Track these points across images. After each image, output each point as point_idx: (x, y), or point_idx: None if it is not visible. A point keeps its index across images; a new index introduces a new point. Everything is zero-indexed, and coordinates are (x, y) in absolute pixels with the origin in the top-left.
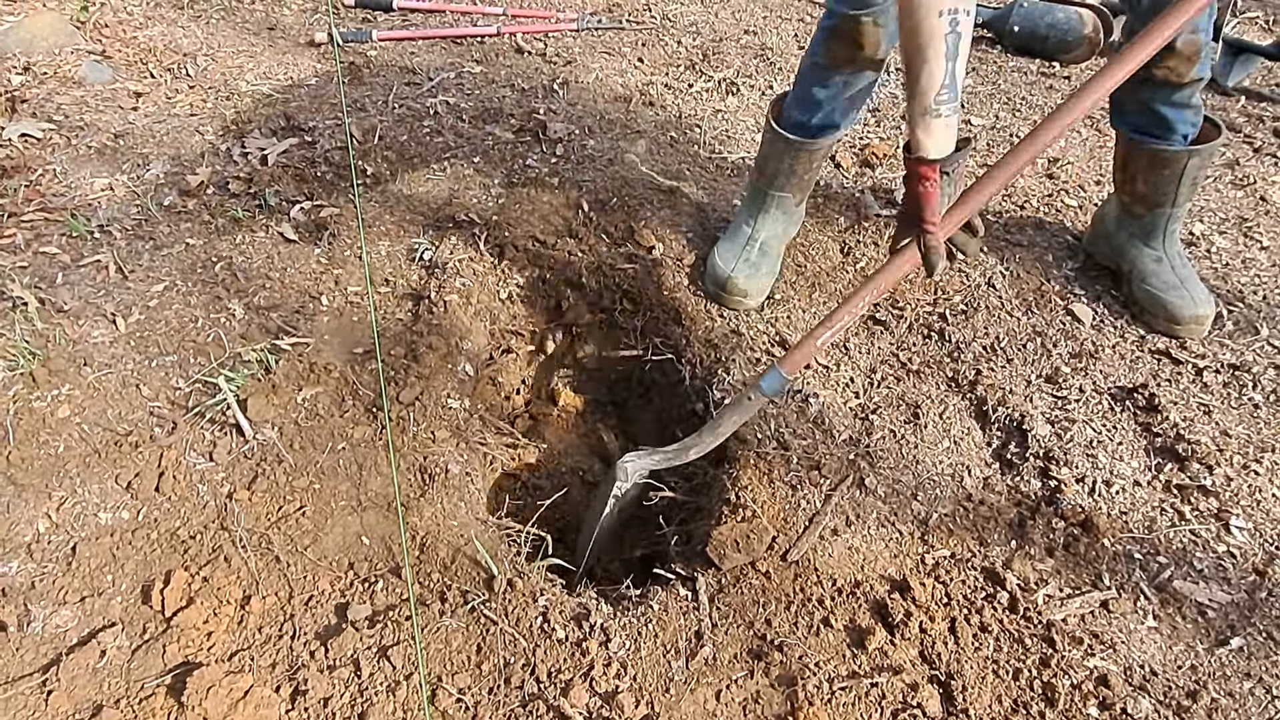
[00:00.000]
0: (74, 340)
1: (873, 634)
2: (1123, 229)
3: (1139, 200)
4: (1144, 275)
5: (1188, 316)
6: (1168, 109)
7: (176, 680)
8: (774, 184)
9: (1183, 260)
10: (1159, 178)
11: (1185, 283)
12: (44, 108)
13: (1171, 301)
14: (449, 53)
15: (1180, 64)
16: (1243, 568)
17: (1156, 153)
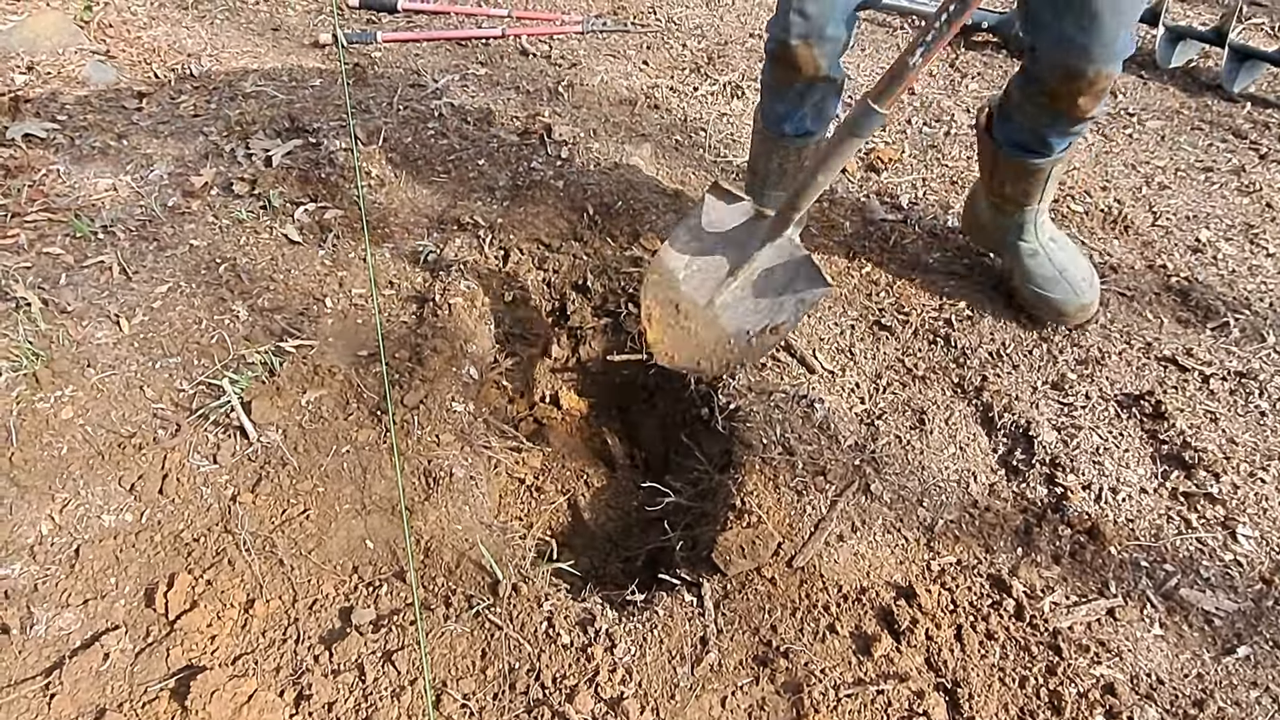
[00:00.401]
0: (77, 341)
1: (879, 641)
2: (996, 224)
3: (1007, 201)
4: (1025, 273)
5: (1073, 309)
6: (1056, 138)
7: (180, 684)
8: (768, 183)
9: (1057, 244)
10: (1025, 183)
11: (1064, 272)
12: (48, 108)
13: (1055, 297)
14: (454, 55)
15: (1089, 102)
16: (1249, 576)
17: (1025, 164)
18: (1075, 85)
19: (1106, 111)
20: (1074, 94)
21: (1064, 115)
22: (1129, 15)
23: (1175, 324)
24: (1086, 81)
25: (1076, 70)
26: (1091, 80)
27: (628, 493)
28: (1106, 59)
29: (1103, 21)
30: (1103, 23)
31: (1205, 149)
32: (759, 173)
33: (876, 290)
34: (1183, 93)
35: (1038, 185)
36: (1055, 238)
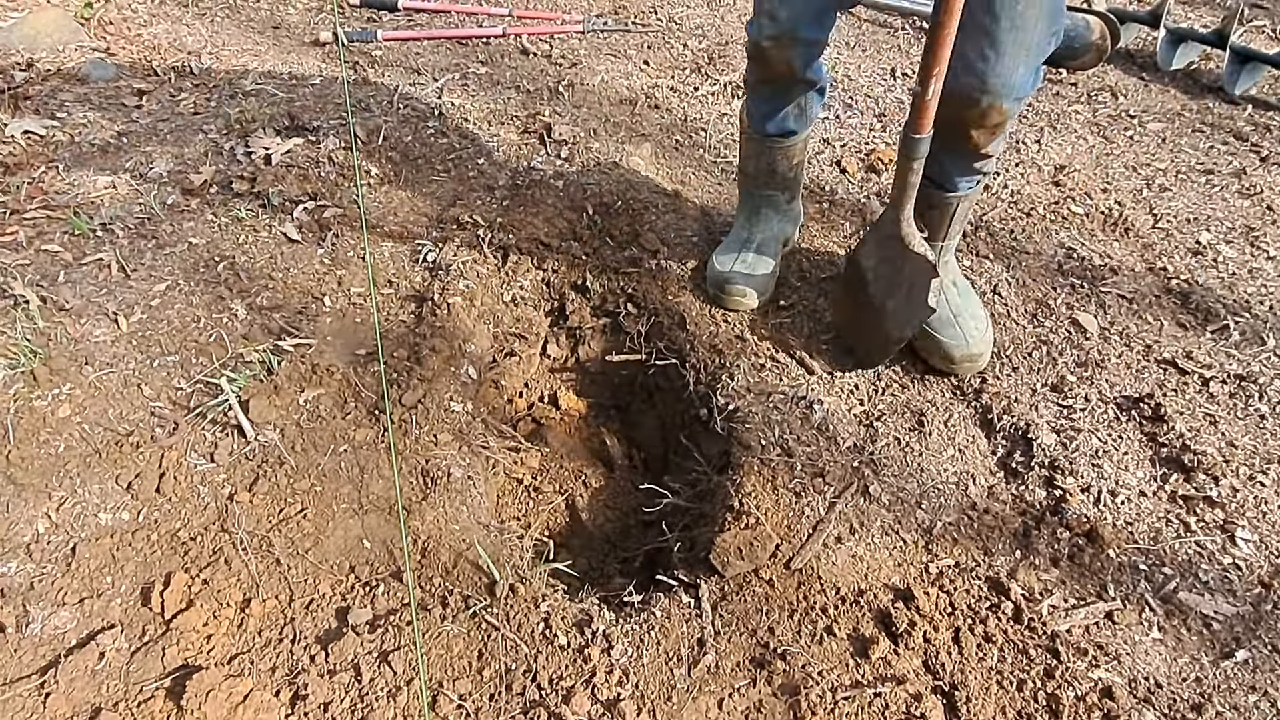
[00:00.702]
0: (75, 339)
1: (876, 643)
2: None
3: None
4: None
5: (959, 357)
6: (958, 174)
7: (176, 683)
8: (758, 184)
9: (958, 288)
10: (929, 216)
11: (959, 317)
12: (47, 105)
13: (944, 340)
14: (454, 53)
15: (982, 136)
16: (1248, 580)
17: (930, 194)
18: (968, 114)
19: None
20: (966, 124)
21: (961, 150)
22: (1033, 53)
23: (1175, 327)
24: (979, 112)
25: (969, 98)
26: (984, 112)
27: (626, 493)
28: (1001, 92)
29: (1003, 52)
30: (1003, 53)
31: (1206, 151)
32: (749, 173)
33: None
34: (1184, 95)
35: (942, 220)
36: (958, 282)
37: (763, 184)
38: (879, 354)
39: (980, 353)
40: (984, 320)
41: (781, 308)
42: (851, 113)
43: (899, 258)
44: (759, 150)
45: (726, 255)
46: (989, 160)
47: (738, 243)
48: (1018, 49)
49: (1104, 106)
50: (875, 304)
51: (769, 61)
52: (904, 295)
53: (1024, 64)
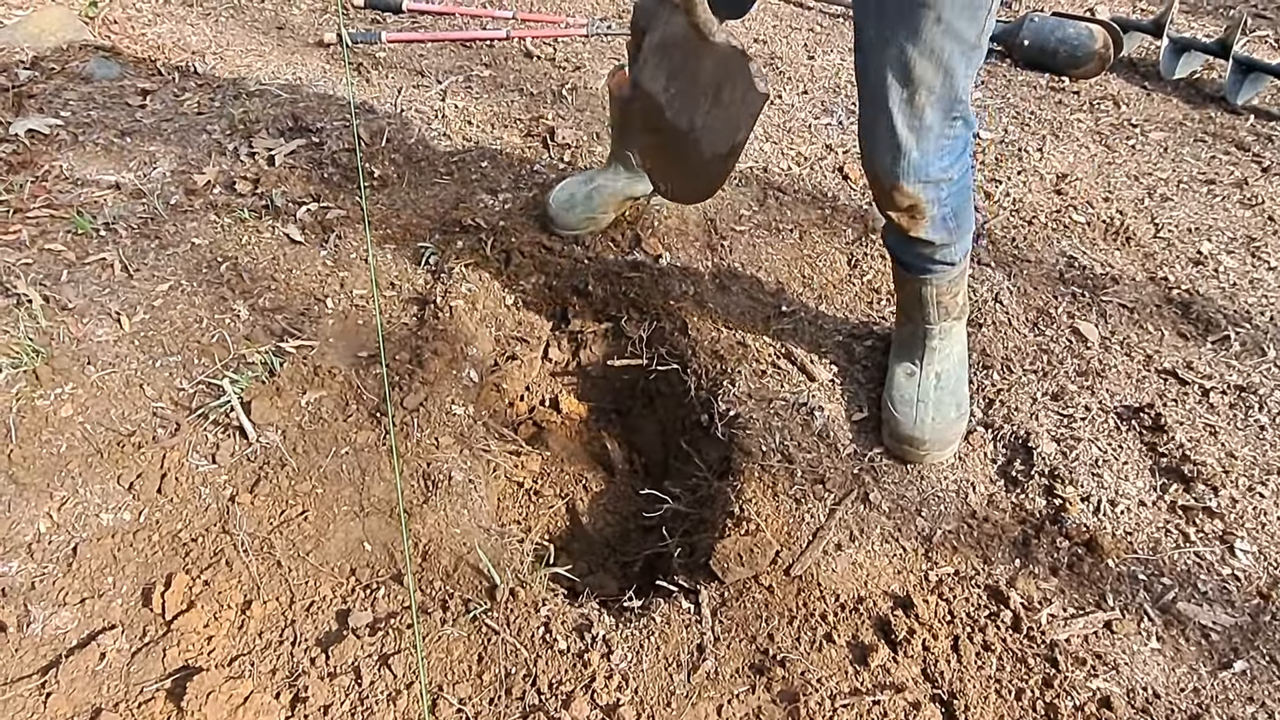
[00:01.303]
0: (78, 339)
1: (875, 651)
2: (897, 331)
3: (900, 307)
4: (891, 382)
5: (903, 436)
6: (911, 259)
7: (176, 684)
8: (615, 138)
9: (940, 381)
10: (902, 294)
11: (920, 403)
12: (51, 104)
13: (897, 418)
14: (458, 56)
15: (903, 219)
16: (1247, 591)
17: (898, 272)
18: (880, 192)
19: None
20: (884, 203)
21: (897, 228)
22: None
23: (1176, 337)
24: (884, 191)
25: (874, 175)
26: (888, 191)
27: (626, 498)
28: (902, 175)
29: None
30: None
31: (1208, 161)
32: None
33: (878, 299)
34: (1186, 104)
35: (914, 301)
36: (943, 375)
37: (618, 142)
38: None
39: (926, 440)
40: (951, 419)
41: (783, 314)
42: (854, 119)
43: (693, 58)
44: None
45: (566, 186)
46: (936, 248)
47: (583, 179)
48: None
49: (1106, 115)
50: (683, 129)
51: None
52: (713, 101)
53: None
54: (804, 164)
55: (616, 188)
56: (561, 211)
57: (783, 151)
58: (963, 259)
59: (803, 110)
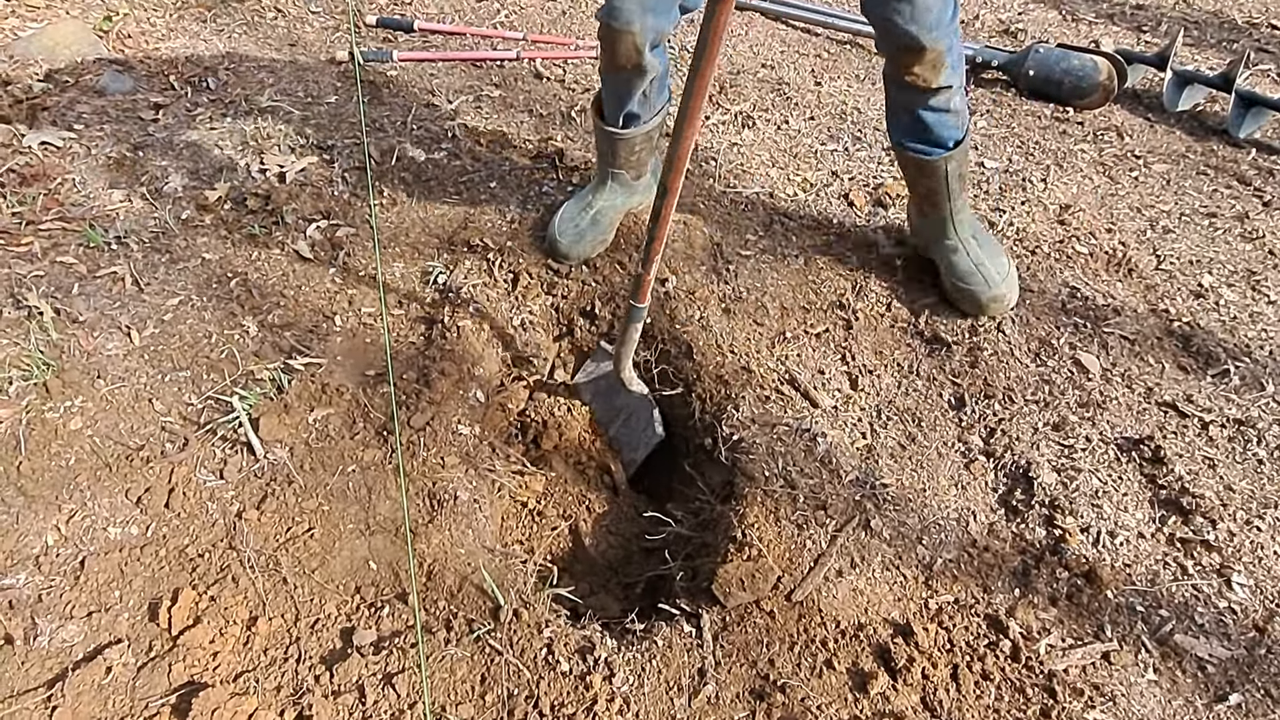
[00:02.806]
0: (88, 352)
1: (875, 678)
2: (922, 226)
3: (924, 201)
4: (948, 268)
5: (986, 299)
6: (926, 114)
7: (181, 700)
8: (606, 161)
9: (979, 240)
10: (929, 181)
11: (980, 266)
12: (65, 116)
13: (971, 289)
14: (468, 75)
15: (926, 71)
16: (1243, 624)
17: (920, 162)
18: (910, 57)
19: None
20: (911, 63)
21: (918, 89)
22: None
23: (1176, 369)
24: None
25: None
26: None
27: (629, 520)
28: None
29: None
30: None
31: (1210, 194)
32: (599, 151)
33: (881, 324)
34: (1189, 137)
35: (940, 183)
36: (977, 235)
37: (609, 163)
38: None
39: (1003, 294)
40: (1005, 264)
41: (787, 339)
42: (860, 146)
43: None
44: (602, 138)
45: (567, 215)
46: (951, 92)
47: (580, 206)
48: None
49: (1110, 146)
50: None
51: (613, 45)
52: (623, 424)
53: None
54: (809, 190)
55: (616, 205)
56: (572, 245)
57: (789, 177)
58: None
59: (809, 136)
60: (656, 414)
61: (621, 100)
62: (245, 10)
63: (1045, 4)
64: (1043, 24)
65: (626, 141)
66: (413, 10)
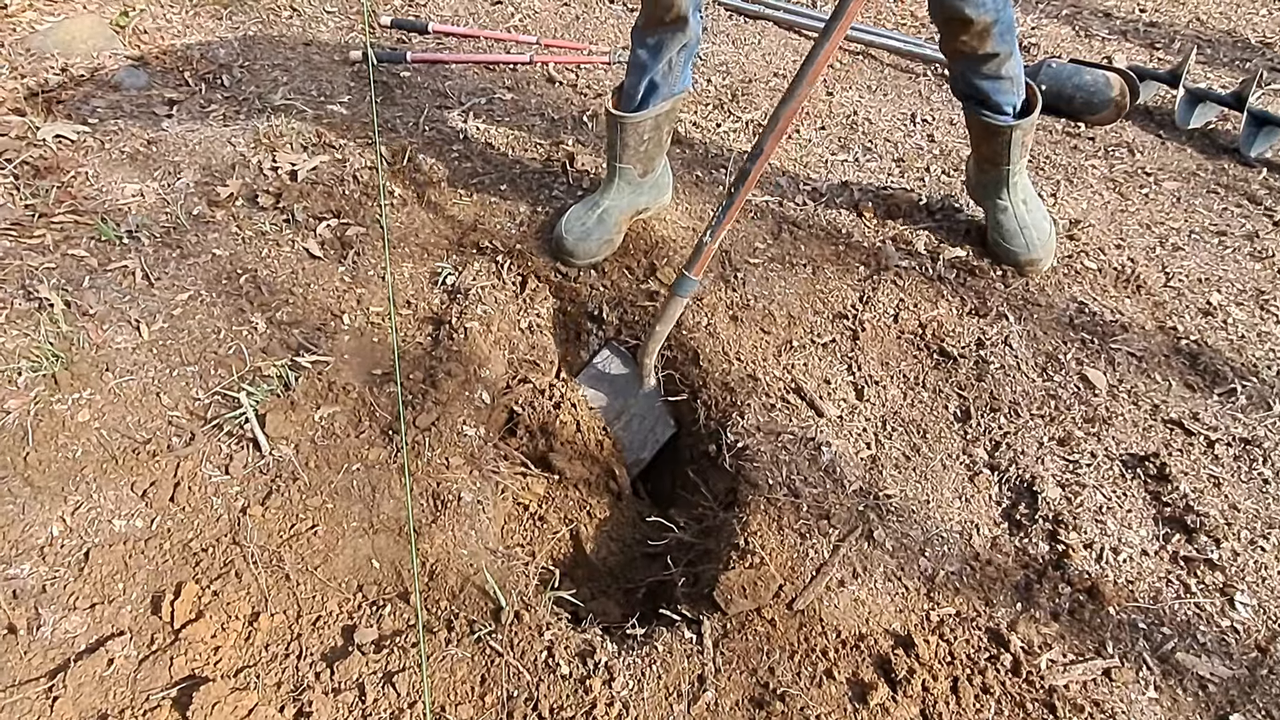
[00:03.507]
0: (97, 345)
1: (875, 689)
2: (980, 181)
3: (984, 159)
4: (995, 225)
5: (1023, 260)
6: (981, 81)
7: (182, 693)
8: (614, 156)
9: (1028, 205)
10: (992, 143)
11: (1024, 230)
12: (79, 110)
13: (1013, 250)
14: (481, 78)
15: (973, 39)
16: (1245, 644)
17: (985, 123)
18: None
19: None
20: (959, 32)
21: (968, 56)
22: None
23: (1183, 387)
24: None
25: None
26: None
27: (631, 524)
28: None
29: None
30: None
31: (1220, 212)
32: (608, 144)
33: (888, 336)
34: (1200, 154)
35: (1002, 147)
36: (1028, 200)
37: (618, 157)
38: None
39: (1040, 259)
40: (1047, 231)
41: (794, 348)
42: (870, 156)
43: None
44: (614, 126)
45: (574, 215)
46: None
47: (586, 207)
48: None
49: (1121, 162)
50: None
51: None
52: (625, 425)
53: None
54: (819, 199)
55: (623, 205)
56: (579, 243)
57: (799, 186)
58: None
59: (820, 146)
60: (665, 410)
61: (646, 67)
62: (261, 9)
63: (1058, 19)
64: (1055, 39)
65: (636, 127)
66: (427, 12)
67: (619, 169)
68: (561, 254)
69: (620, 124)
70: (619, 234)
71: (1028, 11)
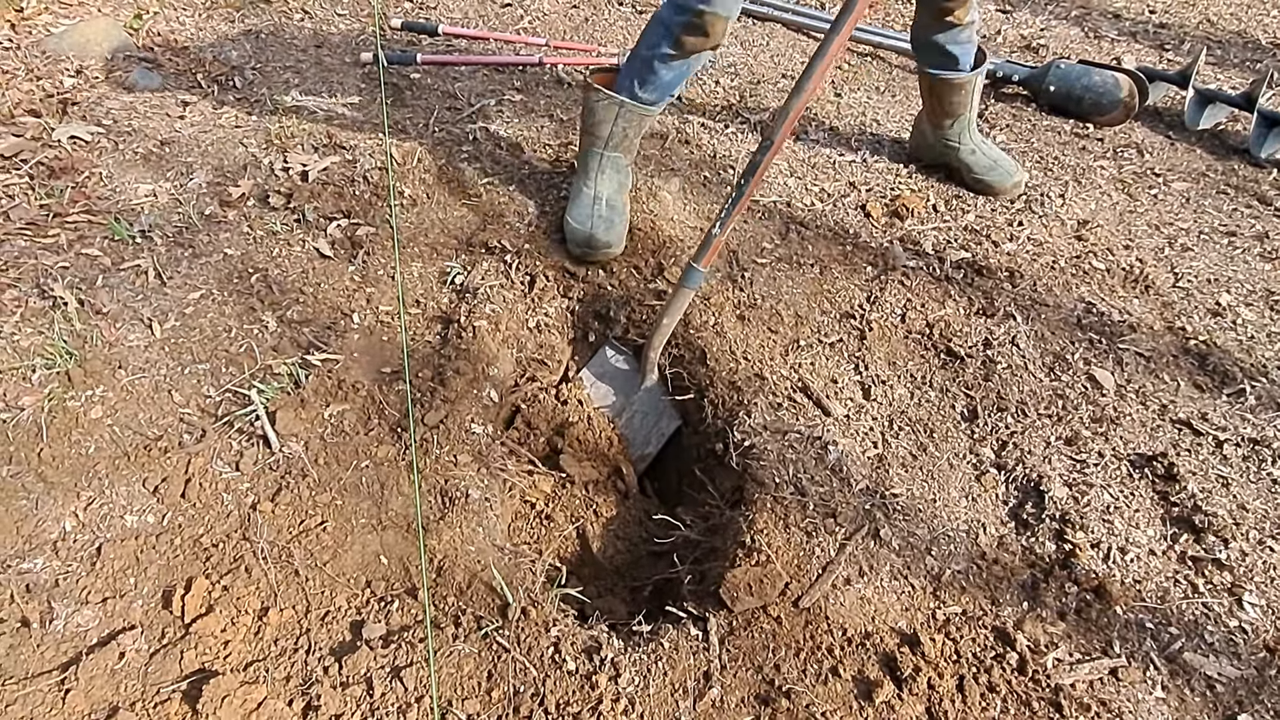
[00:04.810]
0: (110, 343)
1: (881, 687)
2: (939, 139)
3: (945, 115)
4: (969, 168)
5: (1010, 185)
6: (956, 47)
7: (193, 687)
8: (607, 146)
9: (987, 144)
10: (956, 98)
11: (998, 162)
12: (94, 111)
13: (993, 181)
14: (490, 80)
15: (960, 10)
16: (1253, 644)
17: (951, 81)
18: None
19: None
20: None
21: (949, 27)
22: None
23: (1191, 387)
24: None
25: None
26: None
27: (638, 522)
28: None
29: None
30: None
31: (1229, 213)
32: (601, 136)
33: (895, 336)
34: (1210, 155)
35: (966, 97)
36: (983, 142)
37: (612, 146)
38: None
39: (1021, 179)
40: (1010, 160)
41: (800, 348)
42: (878, 157)
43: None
44: (629, 118)
45: (582, 215)
46: (974, 26)
47: (587, 202)
48: None
49: (1130, 163)
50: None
51: (709, 29)
52: (626, 421)
53: None
54: (827, 200)
55: (616, 186)
56: (608, 230)
57: (806, 187)
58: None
59: (827, 147)
60: (669, 404)
61: (676, 80)
62: (273, 11)
63: (1067, 20)
64: (1064, 40)
65: (645, 118)
66: (437, 14)
67: (610, 158)
68: (595, 247)
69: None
70: (628, 214)
71: (1036, 13)
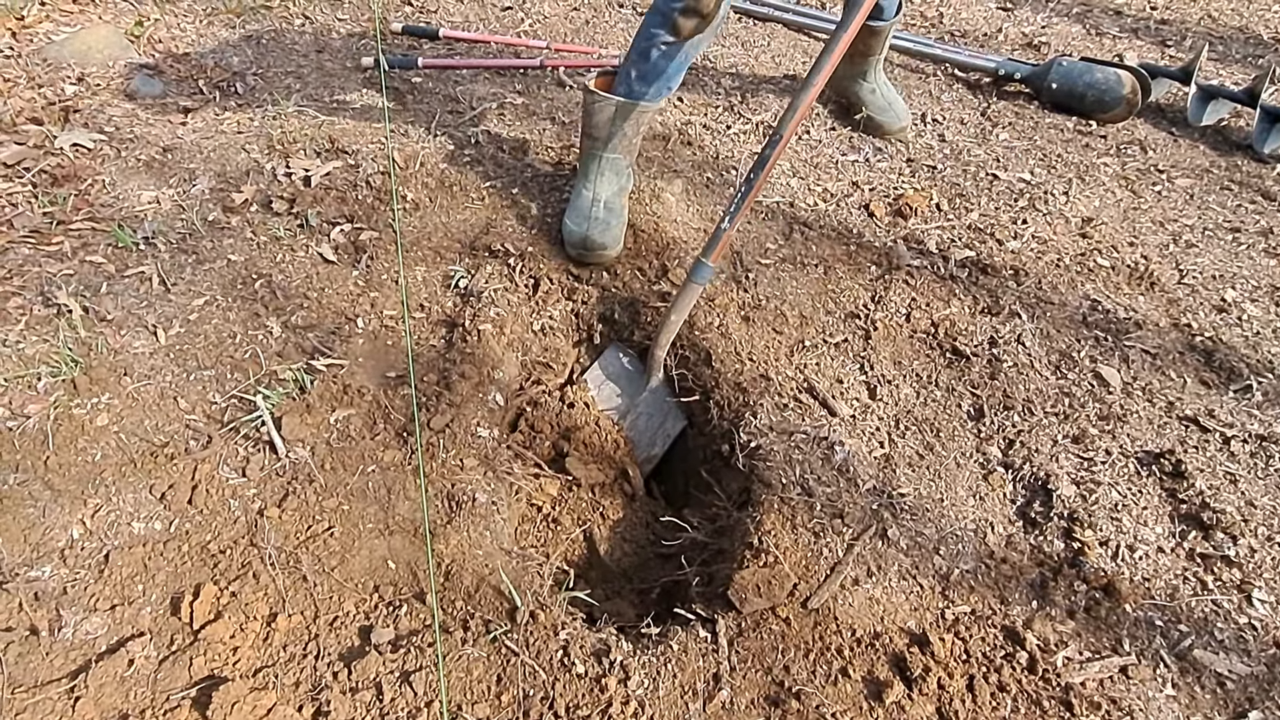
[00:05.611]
0: (115, 350)
1: (890, 687)
2: (849, 74)
3: (857, 54)
4: (865, 104)
5: (896, 128)
6: (889, 5)
7: (202, 693)
8: (607, 147)
9: (887, 86)
10: (874, 40)
11: (892, 105)
12: (96, 119)
13: (884, 121)
14: (492, 83)
15: None
16: (1263, 640)
17: (874, 28)
18: None
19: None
20: None
21: None
22: None
23: (1198, 384)
24: None
25: None
26: None
27: (644, 524)
28: None
29: None
30: None
31: (1234, 209)
32: (600, 139)
33: (900, 335)
34: (1213, 151)
35: (878, 41)
36: (885, 85)
37: (613, 147)
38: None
39: (907, 124)
40: (904, 107)
41: (805, 348)
42: (881, 157)
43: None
44: (629, 116)
45: (579, 218)
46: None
47: (585, 204)
48: None
49: (1133, 160)
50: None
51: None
52: (631, 423)
53: None
54: (830, 200)
55: (615, 189)
56: (604, 232)
57: (809, 187)
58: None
59: (830, 147)
60: (674, 405)
61: (675, 71)
62: (273, 17)
63: (1069, 18)
64: (1066, 37)
65: (646, 114)
66: (438, 18)
67: (609, 160)
68: (591, 249)
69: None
70: (626, 216)
71: (1038, 11)
